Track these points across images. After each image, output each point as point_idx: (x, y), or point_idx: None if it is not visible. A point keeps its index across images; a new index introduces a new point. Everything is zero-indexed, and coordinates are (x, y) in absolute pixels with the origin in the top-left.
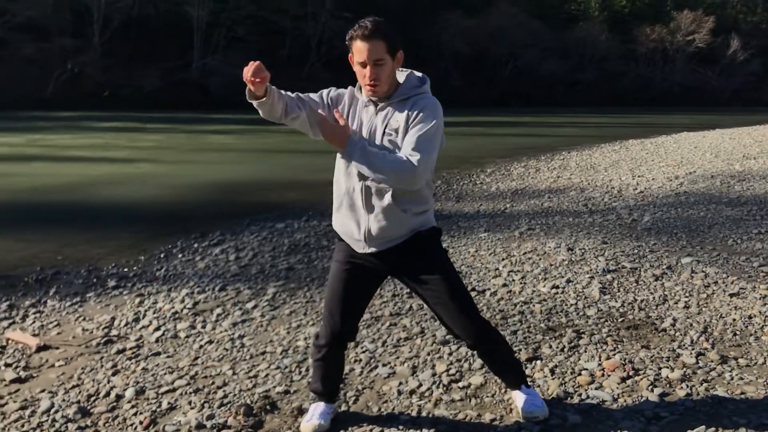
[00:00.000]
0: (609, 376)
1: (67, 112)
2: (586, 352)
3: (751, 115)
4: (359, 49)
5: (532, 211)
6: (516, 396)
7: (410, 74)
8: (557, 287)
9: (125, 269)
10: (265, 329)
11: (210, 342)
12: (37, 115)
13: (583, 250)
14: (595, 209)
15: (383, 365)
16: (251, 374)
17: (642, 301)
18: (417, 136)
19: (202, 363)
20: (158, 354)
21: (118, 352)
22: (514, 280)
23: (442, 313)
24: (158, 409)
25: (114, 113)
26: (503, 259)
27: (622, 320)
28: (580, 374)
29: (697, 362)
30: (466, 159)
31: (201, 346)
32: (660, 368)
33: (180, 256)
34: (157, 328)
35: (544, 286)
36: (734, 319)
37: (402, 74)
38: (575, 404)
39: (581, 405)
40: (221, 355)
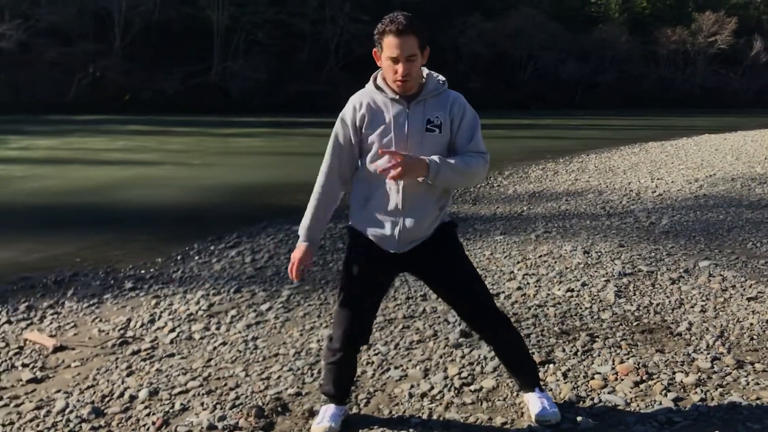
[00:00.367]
0: (622, 380)
1: (88, 116)
2: (599, 356)
3: None
4: (391, 45)
5: (549, 214)
6: (528, 399)
7: (431, 74)
8: (572, 290)
9: (142, 271)
10: (278, 331)
11: (224, 343)
12: (60, 119)
13: (599, 254)
14: (613, 212)
15: (395, 368)
16: (264, 376)
17: (658, 304)
18: (476, 139)
19: (216, 364)
20: (172, 355)
21: (133, 353)
22: (528, 283)
23: (460, 304)
24: (171, 410)
25: (135, 117)
26: (518, 262)
27: (637, 324)
28: (593, 378)
29: (713, 367)
30: None
31: (215, 348)
32: (674, 372)
33: (197, 258)
34: (172, 330)
35: (558, 289)
36: (752, 324)
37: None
38: (587, 408)
39: (593, 409)
40: (234, 357)
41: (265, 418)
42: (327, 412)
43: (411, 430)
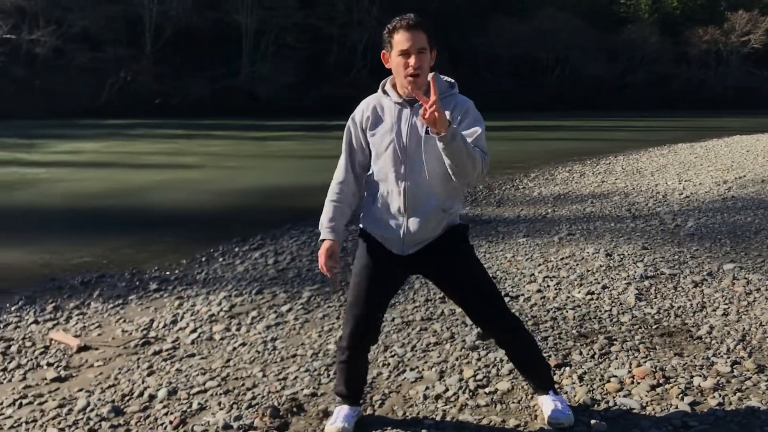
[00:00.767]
0: (638, 383)
1: (119, 120)
2: (616, 359)
3: None
4: (402, 39)
5: (574, 216)
6: (542, 401)
7: (437, 75)
8: (592, 293)
9: (167, 272)
10: (297, 332)
11: (243, 344)
12: (91, 123)
13: (621, 256)
14: (638, 214)
15: (411, 369)
16: (280, 376)
17: (679, 307)
18: (479, 134)
19: (234, 365)
20: (193, 355)
21: (155, 353)
22: (548, 285)
23: (471, 305)
24: (188, 410)
25: (165, 120)
26: (539, 265)
27: (657, 327)
28: (608, 381)
29: (732, 371)
30: (510, 163)
31: (234, 348)
32: (692, 376)
33: (220, 259)
34: (194, 330)
35: (578, 292)
36: None
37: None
38: (602, 411)
39: (608, 413)
40: (253, 358)
41: (280, 418)
42: (340, 413)
43: (423, 431)
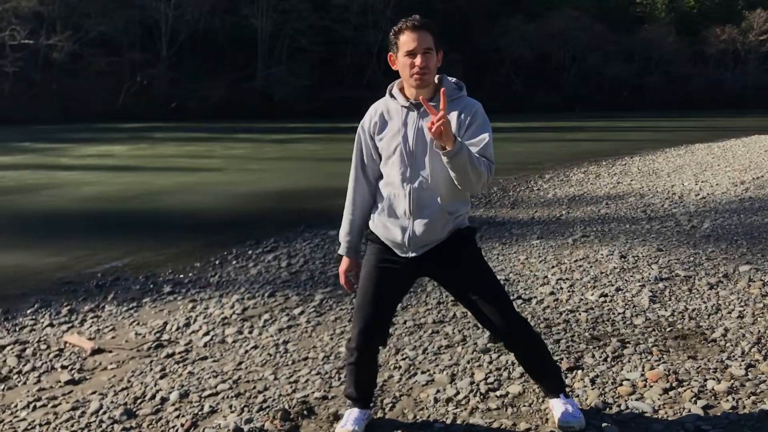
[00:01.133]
0: (651, 386)
1: (136, 124)
2: (629, 362)
3: None
4: (408, 40)
5: (588, 218)
6: (553, 405)
7: (445, 77)
8: (606, 295)
9: (181, 275)
10: (309, 335)
11: (255, 347)
12: (108, 127)
13: (636, 258)
14: (654, 215)
15: (422, 372)
16: (292, 379)
17: (693, 310)
18: (487, 142)
19: (246, 368)
20: (205, 358)
21: (168, 356)
22: (562, 288)
23: (479, 308)
24: (200, 413)
25: (180, 124)
26: (553, 267)
27: (671, 330)
28: (621, 384)
29: (747, 374)
30: (526, 165)
31: (246, 351)
32: (706, 380)
33: (234, 262)
34: (206, 333)
35: (592, 294)
36: None
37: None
38: (613, 415)
39: (620, 416)
40: (264, 360)
41: (291, 421)
42: (351, 416)
43: None
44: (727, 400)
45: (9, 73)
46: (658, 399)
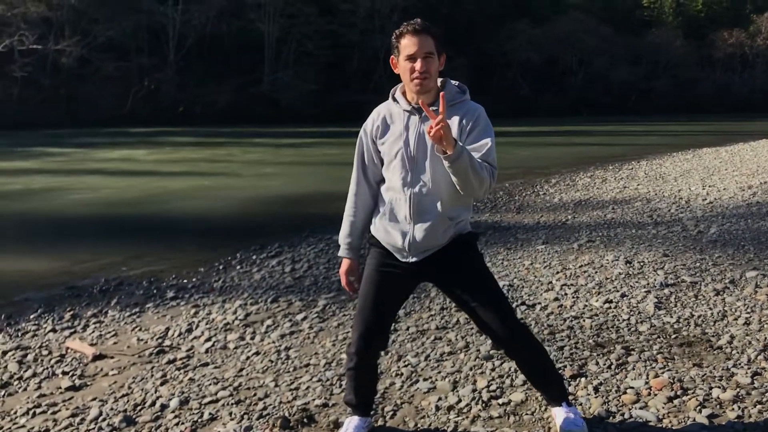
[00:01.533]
0: (656, 395)
1: (143, 128)
2: (633, 369)
3: None
4: (408, 44)
5: (594, 223)
6: (555, 413)
7: (447, 81)
8: (610, 302)
9: (185, 281)
10: (311, 341)
11: (257, 353)
12: (115, 131)
13: (642, 263)
14: (660, 220)
15: (424, 380)
16: (293, 386)
17: (699, 316)
18: (489, 147)
19: (247, 374)
20: (206, 365)
21: (169, 362)
22: (566, 294)
23: (480, 315)
24: (199, 420)
25: (188, 128)
26: (557, 273)
27: (676, 337)
28: (625, 393)
29: (753, 382)
30: (532, 169)
31: (248, 358)
32: (711, 388)
33: (238, 267)
34: (208, 339)
35: (596, 300)
36: None
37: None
38: (617, 424)
39: (623, 425)
40: (266, 367)
41: (290, 429)
42: (351, 424)
43: None
44: (733, 409)
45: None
46: (663, 408)
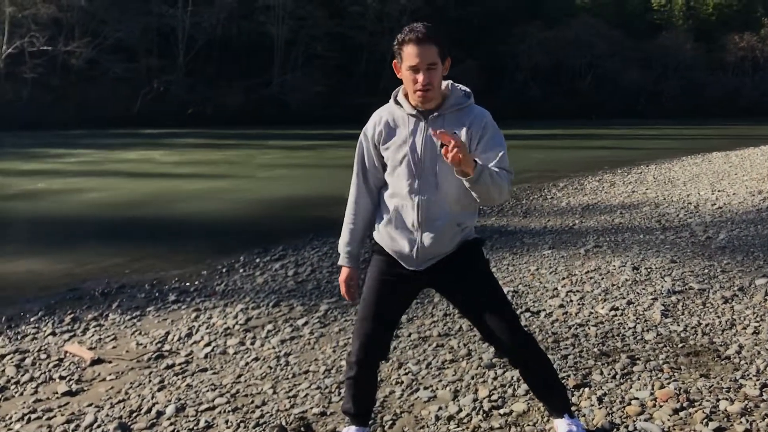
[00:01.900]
0: (661, 406)
1: (152, 130)
2: (639, 379)
3: None
4: (410, 54)
5: (602, 228)
6: (558, 425)
7: (453, 85)
8: (616, 309)
9: (187, 283)
10: (312, 347)
11: (256, 359)
12: (124, 133)
13: (649, 270)
14: (669, 225)
15: (425, 388)
16: (291, 394)
17: (707, 325)
18: (502, 155)
19: (245, 381)
20: (205, 370)
21: (167, 368)
22: (572, 300)
23: (485, 322)
24: (195, 428)
25: (196, 130)
26: (563, 278)
27: (683, 346)
28: (629, 404)
29: (761, 394)
30: (540, 173)
31: (247, 363)
32: (718, 400)
33: (241, 270)
34: (208, 344)
35: (602, 307)
36: None
37: (444, 83)
38: None
39: None
40: (264, 373)
41: None
42: None
43: None
44: (741, 422)
45: (28, 79)
46: (668, 420)
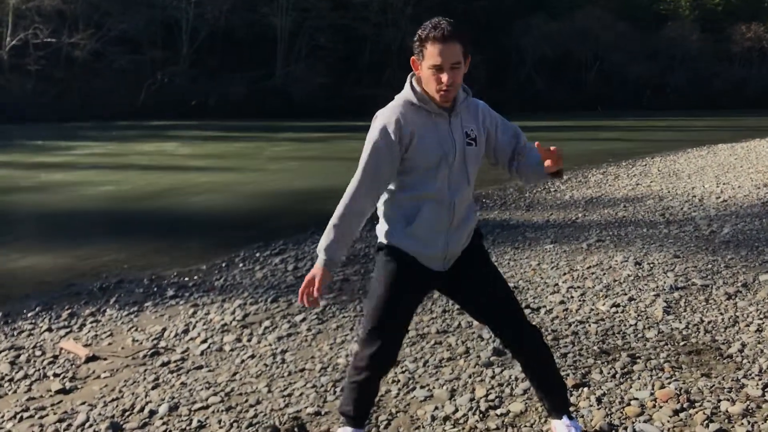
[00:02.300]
0: (661, 407)
1: (156, 121)
2: (639, 379)
3: None
4: (434, 53)
5: (605, 221)
6: (555, 426)
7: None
8: (618, 305)
9: (186, 278)
10: (309, 344)
11: (252, 356)
12: (128, 125)
13: (651, 265)
14: (672, 219)
15: (421, 387)
16: (286, 393)
17: (709, 322)
18: (519, 129)
19: (240, 379)
20: (200, 368)
21: (162, 365)
22: (572, 297)
23: (493, 313)
24: (188, 427)
25: (200, 122)
26: (564, 274)
27: (684, 344)
28: (629, 404)
29: (764, 395)
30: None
31: (243, 361)
32: (719, 400)
33: (240, 265)
34: (204, 341)
35: (603, 304)
36: None
37: None
38: None
39: None
40: (260, 371)
41: None
42: None
43: None
44: (742, 423)
45: (32, 71)
46: (668, 421)
